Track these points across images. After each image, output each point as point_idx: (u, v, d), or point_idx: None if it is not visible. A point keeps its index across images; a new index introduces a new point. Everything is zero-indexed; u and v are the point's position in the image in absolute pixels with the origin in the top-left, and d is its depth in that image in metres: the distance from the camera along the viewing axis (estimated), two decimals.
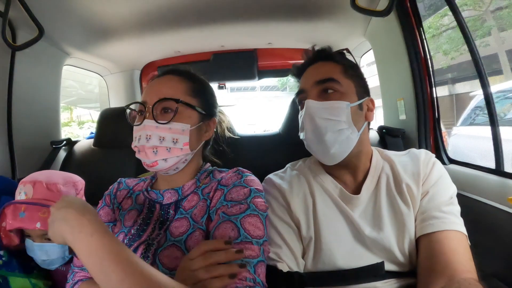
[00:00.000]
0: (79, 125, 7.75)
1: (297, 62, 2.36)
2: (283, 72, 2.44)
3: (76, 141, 1.64)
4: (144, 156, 0.79)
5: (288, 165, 0.98)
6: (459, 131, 4.14)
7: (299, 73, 0.93)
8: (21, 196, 0.91)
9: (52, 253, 0.89)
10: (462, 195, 0.83)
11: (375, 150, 0.90)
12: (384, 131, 1.41)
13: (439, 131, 1.31)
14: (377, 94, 1.50)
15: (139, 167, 1.41)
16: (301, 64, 0.95)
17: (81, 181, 1.04)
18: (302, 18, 1.66)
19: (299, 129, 0.89)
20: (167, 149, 0.78)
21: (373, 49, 1.68)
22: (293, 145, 1.26)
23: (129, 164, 1.44)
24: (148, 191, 0.88)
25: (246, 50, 2.14)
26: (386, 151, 0.91)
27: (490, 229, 0.95)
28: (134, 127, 0.83)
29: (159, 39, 1.85)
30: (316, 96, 0.83)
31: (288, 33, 1.90)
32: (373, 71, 1.75)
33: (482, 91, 1.10)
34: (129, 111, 0.90)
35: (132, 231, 0.81)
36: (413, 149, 0.89)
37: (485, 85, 1.09)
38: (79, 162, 1.51)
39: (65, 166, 1.49)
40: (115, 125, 1.49)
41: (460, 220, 0.76)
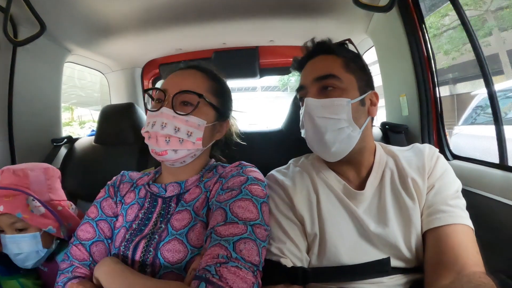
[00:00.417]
0: (80, 125, 7.77)
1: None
2: (285, 70, 2.43)
3: (77, 138, 1.64)
4: (154, 143, 0.79)
5: (290, 161, 0.97)
6: (461, 131, 4.14)
7: (299, 67, 0.92)
8: None
9: (24, 246, 0.85)
10: (467, 191, 0.83)
11: (379, 145, 0.89)
12: (387, 127, 1.40)
13: (442, 127, 1.30)
14: (380, 93, 1.49)
15: (140, 164, 1.41)
16: (301, 57, 0.92)
17: (54, 169, 1.01)
18: (303, 15, 1.65)
19: (300, 123, 0.87)
20: (179, 140, 0.78)
21: (375, 45, 1.67)
22: (295, 141, 1.26)
23: (130, 161, 1.44)
24: (150, 185, 0.88)
25: (247, 48, 2.14)
26: (390, 146, 0.90)
27: (495, 224, 0.94)
28: (148, 113, 0.83)
29: (161, 37, 1.85)
30: (316, 93, 0.81)
31: (289, 31, 1.89)
32: (374, 71, 1.74)
33: (485, 86, 1.09)
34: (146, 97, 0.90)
35: (133, 225, 0.81)
36: (417, 144, 0.88)
37: (488, 80, 1.08)
38: (80, 159, 1.50)
39: (65, 164, 1.48)
40: (116, 122, 1.49)
41: (466, 214, 0.75)
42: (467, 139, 3.77)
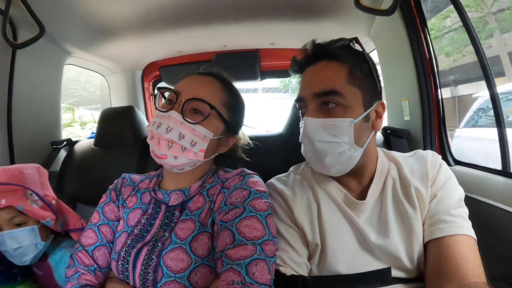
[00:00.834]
0: (81, 126, 7.77)
1: None
2: (286, 72, 2.43)
3: (76, 141, 1.63)
4: (156, 145, 0.77)
5: (291, 169, 0.95)
6: (462, 133, 4.12)
7: (299, 70, 0.83)
8: None
9: (23, 239, 0.85)
10: (468, 197, 0.81)
11: (381, 152, 0.86)
12: (389, 131, 1.39)
13: (444, 132, 1.29)
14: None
15: (140, 167, 1.40)
16: (299, 60, 0.82)
17: (43, 168, 1.03)
18: (305, 18, 1.65)
19: (299, 137, 0.81)
20: (181, 148, 0.76)
21: (376, 49, 1.66)
22: (295, 146, 1.25)
23: (130, 164, 1.43)
24: (156, 191, 0.87)
25: (248, 50, 2.13)
26: (392, 152, 0.88)
27: (496, 231, 0.93)
28: (156, 111, 0.81)
29: (161, 39, 1.84)
30: (316, 109, 0.75)
31: (290, 33, 1.88)
32: None
33: (488, 89, 1.08)
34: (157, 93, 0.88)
35: (135, 231, 0.80)
36: (419, 150, 0.86)
37: (491, 85, 1.06)
38: (79, 162, 1.49)
39: (65, 166, 1.48)
40: (116, 125, 1.48)
41: (468, 223, 0.73)
42: (468, 142, 3.76)
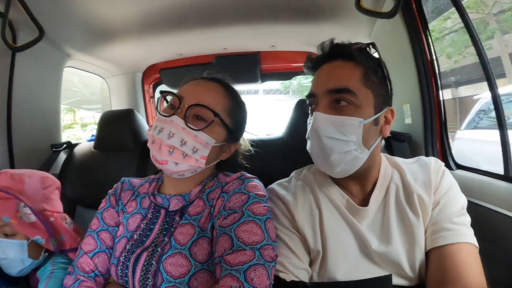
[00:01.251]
0: (82, 127, 7.76)
1: (300, 65, 2.34)
2: (286, 75, 2.42)
3: (76, 144, 1.63)
4: (157, 150, 0.76)
5: (292, 174, 0.93)
6: (463, 135, 4.11)
7: (313, 68, 0.83)
8: None
9: (9, 252, 0.81)
10: (470, 202, 0.81)
11: (384, 157, 0.85)
12: (390, 135, 1.38)
13: (446, 136, 1.28)
14: None
15: (139, 171, 1.39)
16: (315, 58, 0.83)
17: (54, 179, 0.97)
18: (305, 20, 1.64)
19: (306, 134, 0.81)
20: (183, 154, 0.76)
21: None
22: (296, 150, 1.24)
23: (129, 167, 1.42)
24: (155, 196, 0.86)
25: (249, 53, 2.13)
26: (395, 158, 0.87)
27: (498, 236, 0.92)
28: (158, 116, 0.80)
29: (161, 42, 1.84)
30: (327, 106, 0.74)
31: (291, 36, 1.88)
32: None
33: (490, 94, 1.07)
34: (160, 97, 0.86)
35: (134, 236, 0.80)
36: (422, 157, 0.85)
37: (493, 87, 1.05)
38: (79, 165, 1.49)
39: (65, 169, 1.47)
40: (116, 128, 1.47)
41: (471, 231, 0.72)
42: (470, 144, 3.74)
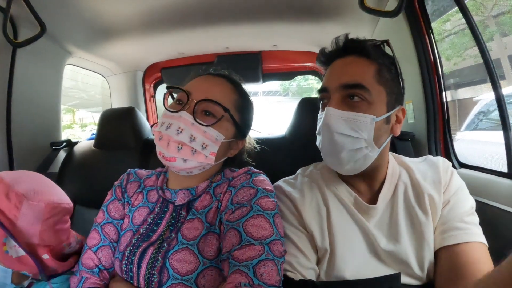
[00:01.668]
0: (81, 128, 7.76)
1: (302, 65, 2.32)
2: (288, 75, 2.42)
3: (76, 142, 1.61)
4: (164, 147, 0.74)
5: (299, 171, 0.92)
6: (463, 136, 4.11)
7: (326, 62, 0.81)
8: None
9: None
10: (476, 200, 0.80)
11: (391, 156, 0.84)
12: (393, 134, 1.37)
13: (449, 135, 1.27)
14: None
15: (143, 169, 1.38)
16: (329, 51, 0.81)
17: (63, 206, 0.77)
18: (307, 19, 1.64)
19: (317, 129, 0.78)
20: (192, 150, 0.74)
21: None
22: (299, 148, 1.24)
23: (130, 166, 1.39)
24: (164, 190, 0.84)
25: (251, 53, 2.12)
26: (401, 157, 0.86)
27: (503, 233, 0.91)
28: (165, 112, 0.78)
29: (163, 40, 1.83)
30: (339, 101, 0.73)
31: (293, 35, 1.88)
32: None
33: (493, 91, 1.06)
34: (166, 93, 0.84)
35: (140, 230, 0.78)
36: (430, 156, 0.85)
37: (496, 85, 1.05)
38: (79, 163, 1.47)
39: (64, 168, 1.46)
40: (117, 126, 1.46)
41: (480, 231, 0.72)
42: (470, 145, 3.75)
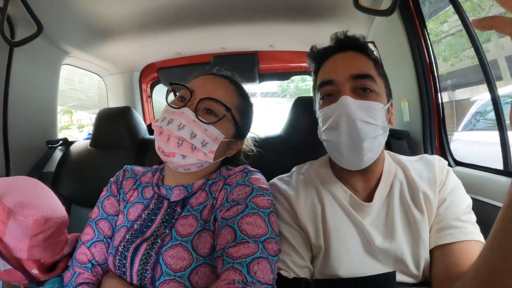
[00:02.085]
0: (78, 129, 7.74)
1: (298, 65, 2.32)
2: (284, 75, 2.42)
3: (72, 142, 1.61)
4: (164, 142, 0.74)
5: (294, 169, 0.92)
6: (460, 137, 4.13)
7: (321, 58, 0.81)
8: None
9: None
10: (472, 198, 0.81)
11: (386, 154, 0.85)
12: (388, 133, 1.37)
13: (445, 133, 1.28)
14: None
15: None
16: (326, 47, 0.82)
17: (59, 220, 0.73)
18: (303, 19, 1.65)
19: (327, 124, 0.75)
20: (192, 147, 0.74)
21: (375, 50, 1.66)
22: (295, 147, 1.24)
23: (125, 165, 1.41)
24: (159, 186, 0.84)
25: (247, 53, 2.13)
26: (397, 155, 0.87)
27: None
28: (167, 107, 0.79)
29: (159, 40, 1.84)
30: (351, 92, 0.72)
31: (289, 35, 1.88)
32: None
33: (489, 91, 1.07)
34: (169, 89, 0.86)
35: (135, 226, 0.78)
36: (426, 155, 0.85)
37: (492, 85, 1.06)
38: (75, 162, 1.47)
39: (60, 167, 1.46)
40: (113, 126, 1.46)
41: (477, 229, 0.71)
42: (467, 145, 3.76)
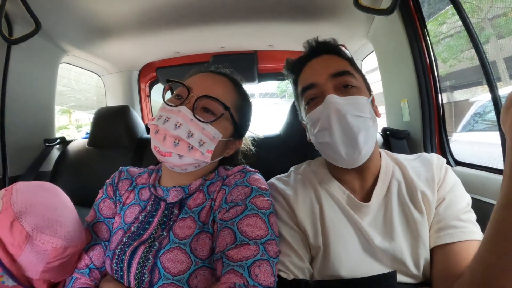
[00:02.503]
0: (77, 128, 7.72)
1: None
2: (283, 75, 2.41)
3: (70, 141, 1.61)
4: (161, 141, 0.72)
5: (292, 169, 0.92)
6: (459, 138, 4.13)
7: (298, 68, 0.84)
8: None
9: None
10: (471, 198, 0.80)
11: (383, 153, 0.84)
12: (388, 133, 1.37)
13: (445, 133, 1.28)
14: (380, 100, 1.47)
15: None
16: (301, 56, 0.85)
17: (71, 246, 0.67)
18: (303, 19, 1.64)
19: (316, 127, 0.75)
20: (189, 147, 0.72)
21: (375, 50, 1.66)
22: (294, 147, 1.24)
23: (123, 165, 1.39)
24: (156, 187, 0.83)
25: (246, 52, 2.12)
26: (395, 154, 0.86)
27: None
28: (164, 105, 0.77)
29: (158, 40, 1.83)
30: (334, 91, 0.73)
31: (289, 35, 1.87)
32: (374, 78, 1.73)
33: (490, 92, 1.07)
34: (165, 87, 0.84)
35: (132, 228, 0.76)
36: (424, 154, 0.84)
37: (492, 86, 1.05)
38: (72, 162, 1.47)
39: (58, 166, 1.45)
40: (111, 125, 1.45)
41: (478, 228, 0.71)
42: (466, 146, 3.77)
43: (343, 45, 0.90)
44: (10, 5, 1.17)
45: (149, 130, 0.78)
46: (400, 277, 0.70)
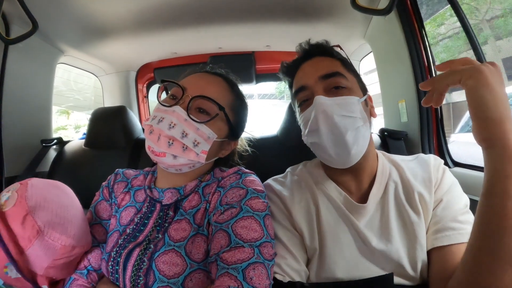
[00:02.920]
0: (75, 129, 7.71)
1: None
2: None
3: (67, 141, 1.60)
4: (155, 141, 0.72)
5: (288, 170, 0.92)
6: (457, 138, 4.13)
7: (292, 70, 0.85)
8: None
9: None
10: (470, 199, 0.80)
11: (380, 154, 0.84)
12: (386, 133, 1.37)
13: (443, 134, 1.27)
14: (378, 101, 1.46)
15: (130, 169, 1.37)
16: (294, 59, 0.86)
17: (78, 245, 0.69)
18: (300, 20, 1.64)
19: (306, 129, 0.77)
20: (183, 147, 0.72)
21: (373, 51, 1.66)
22: (291, 147, 1.23)
23: (120, 166, 1.38)
24: (151, 189, 0.82)
25: (244, 53, 2.12)
26: (392, 155, 0.86)
27: None
28: (158, 106, 0.77)
29: (156, 40, 1.82)
30: (323, 92, 0.75)
31: (286, 36, 1.87)
32: (372, 79, 1.73)
33: None
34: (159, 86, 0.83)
35: (127, 230, 0.76)
36: (421, 154, 0.84)
37: None
38: (69, 162, 1.46)
39: (54, 167, 1.44)
40: (107, 125, 1.45)
41: None
42: (464, 147, 3.77)
43: (338, 45, 0.89)
44: (7, 5, 1.16)
45: None
46: (397, 279, 0.70)
